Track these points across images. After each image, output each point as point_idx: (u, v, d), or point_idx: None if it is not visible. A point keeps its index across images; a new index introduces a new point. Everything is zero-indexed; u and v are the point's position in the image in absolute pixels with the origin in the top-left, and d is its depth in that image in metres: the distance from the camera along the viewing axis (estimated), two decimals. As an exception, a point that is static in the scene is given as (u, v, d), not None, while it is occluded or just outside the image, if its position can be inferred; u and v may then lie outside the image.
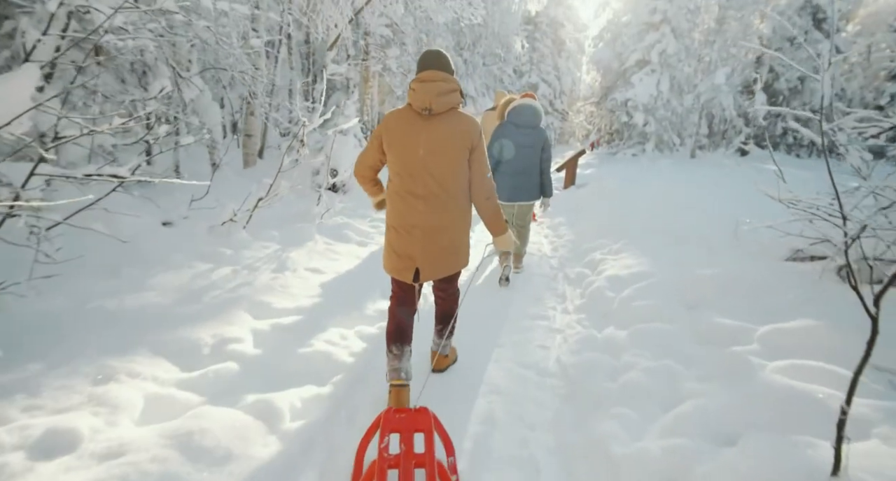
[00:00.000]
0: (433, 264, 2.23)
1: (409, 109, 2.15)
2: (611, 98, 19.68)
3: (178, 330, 2.64)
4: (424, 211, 2.15)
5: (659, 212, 6.27)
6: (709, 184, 9.64)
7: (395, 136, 2.14)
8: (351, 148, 6.65)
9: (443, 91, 2.06)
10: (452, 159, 2.12)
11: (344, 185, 6.73)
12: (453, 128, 2.10)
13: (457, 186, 2.18)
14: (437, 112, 2.08)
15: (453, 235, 2.25)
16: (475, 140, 2.14)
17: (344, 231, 4.98)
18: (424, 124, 2.09)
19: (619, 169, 13.77)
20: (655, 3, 17.23)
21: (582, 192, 8.56)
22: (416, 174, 2.12)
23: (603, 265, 4.42)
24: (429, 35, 11.38)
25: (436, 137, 2.09)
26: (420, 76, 2.10)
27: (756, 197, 7.26)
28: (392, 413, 2.00)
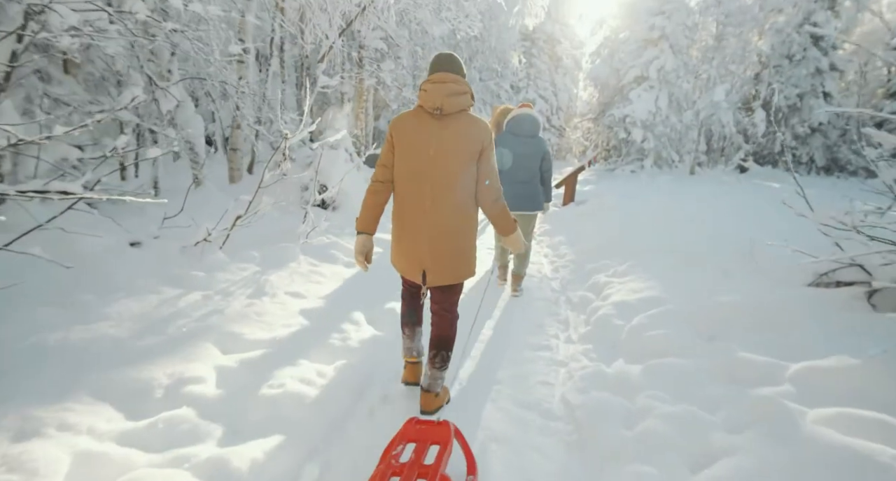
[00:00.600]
0: (442, 268, 2.22)
1: (420, 110, 2.16)
2: (608, 114, 19.59)
3: (130, 368, 2.30)
4: (431, 212, 2.13)
5: (664, 231, 5.98)
6: (712, 201, 9.38)
7: (406, 135, 2.14)
8: (341, 163, 6.37)
9: (454, 92, 2.07)
10: (462, 160, 2.11)
11: (334, 201, 6.43)
12: (464, 130, 2.11)
13: (464, 188, 2.16)
14: (448, 112, 2.09)
15: (460, 239, 2.24)
16: (486, 143, 2.14)
17: (331, 251, 4.65)
18: (436, 124, 2.10)
19: (618, 185, 13.55)
20: (653, 19, 17.22)
21: (582, 209, 8.28)
22: (425, 174, 2.11)
23: (608, 289, 4.10)
24: (424, 48, 11.22)
25: (446, 138, 2.09)
26: (431, 77, 2.13)
27: (765, 214, 6.97)
28: (413, 423, 2.00)
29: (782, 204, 4.36)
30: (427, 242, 2.17)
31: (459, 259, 2.26)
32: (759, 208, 8.53)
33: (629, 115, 18.22)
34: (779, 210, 8.36)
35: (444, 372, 2.40)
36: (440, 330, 2.39)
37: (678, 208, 7.61)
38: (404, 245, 2.25)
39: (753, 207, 8.52)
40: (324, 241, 4.83)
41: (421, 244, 2.18)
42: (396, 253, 2.32)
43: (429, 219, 2.14)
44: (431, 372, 2.37)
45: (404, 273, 2.34)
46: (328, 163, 6.20)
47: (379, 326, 3.34)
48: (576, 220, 7.66)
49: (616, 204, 8.18)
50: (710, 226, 6.18)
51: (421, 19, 7.90)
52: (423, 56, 10.89)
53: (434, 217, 2.14)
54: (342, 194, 6.43)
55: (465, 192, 2.17)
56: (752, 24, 16.80)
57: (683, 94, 18.35)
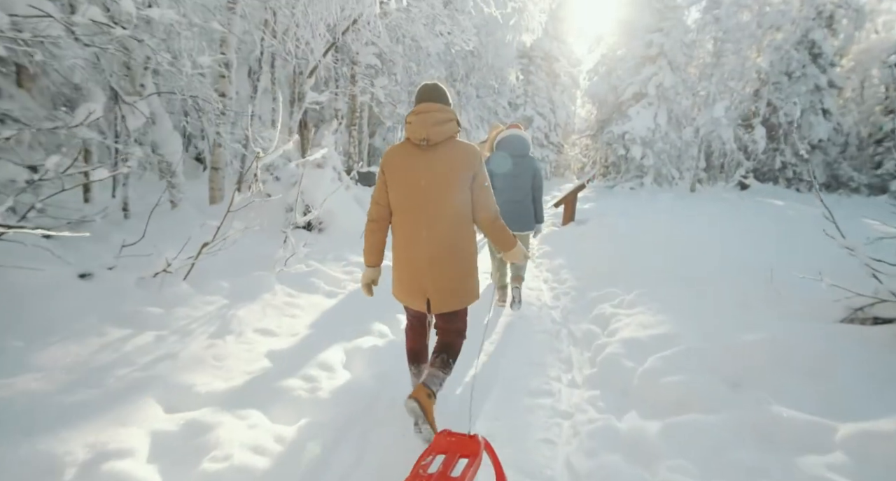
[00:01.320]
0: (444, 296, 2.23)
1: (407, 142, 2.18)
2: (607, 131, 19.38)
3: (44, 436, 1.89)
4: (429, 242, 2.15)
5: (672, 255, 5.61)
6: (718, 220, 9.03)
7: (396, 169, 2.16)
8: (328, 182, 6.02)
9: (439, 120, 2.09)
10: (454, 188, 2.12)
11: (320, 223, 6.06)
12: (452, 157, 2.11)
13: (460, 215, 2.18)
14: (435, 142, 2.10)
15: (461, 265, 2.25)
16: (475, 166, 2.14)
17: (310, 279, 4.25)
18: (423, 155, 2.12)
19: (618, 203, 13.22)
20: (651, 36, 17.12)
21: (583, 230, 7.92)
22: (419, 206, 2.13)
23: (615, 322, 3.71)
24: (419, 64, 11.00)
25: (436, 167, 2.10)
26: (415, 109, 2.14)
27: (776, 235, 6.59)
28: (445, 435, 2.02)
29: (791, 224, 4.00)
30: (427, 270, 2.18)
31: (461, 284, 2.27)
32: (766, 228, 8.18)
33: (628, 131, 18.01)
34: (790, 231, 8.03)
35: (444, 373, 2.33)
36: (445, 338, 2.41)
37: (684, 229, 7.25)
38: (405, 276, 2.26)
39: (761, 228, 8.16)
40: (303, 269, 4.44)
41: (421, 273, 2.19)
42: (398, 284, 2.33)
43: (426, 248, 2.15)
44: (431, 370, 2.32)
45: (408, 303, 2.33)
46: (312, 182, 5.85)
47: (357, 369, 2.94)
48: (577, 241, 7.29)
49: (618, 224, 7.82)
50: (720, 250, 5.81)
51: (414, 34, 7.63)
52: (417, 72, 10.65)
53: (432, 245, 2.15)
54: (328, 214, 6.07)
55: (460, 218, 2.19)
56: (751, 40, 16.69)
57: (682, 111, 18.17)
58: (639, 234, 6.95)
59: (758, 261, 5.24)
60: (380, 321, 3.63)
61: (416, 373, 2.49)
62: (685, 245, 6.13)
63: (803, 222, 9.47)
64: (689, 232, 7.04)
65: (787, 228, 8.50)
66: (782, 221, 9.52)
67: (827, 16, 19.35)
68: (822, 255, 4.52)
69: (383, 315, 3.71)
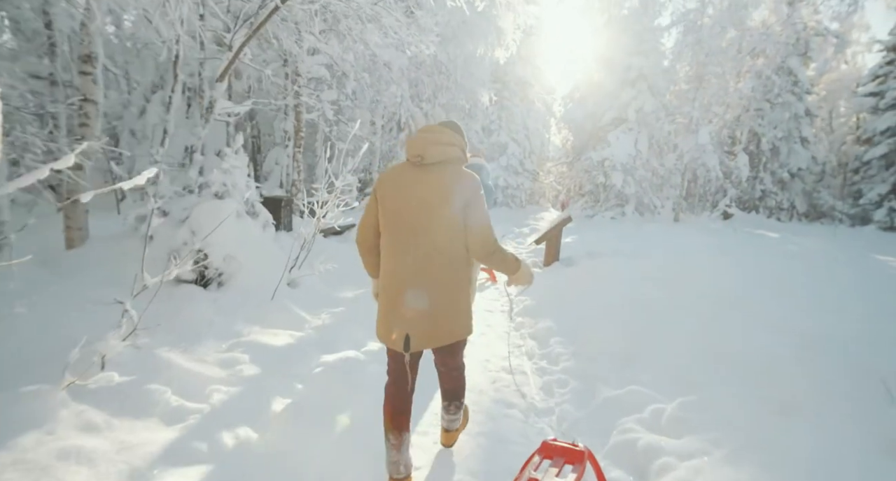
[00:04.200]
0: (425, 331, 2.00)
1: (405, 163, 2.07)
2: (585, 157, 18.31)
3: None
4: (414, 269, 1.97)
5: (700, 317, 4.14)
6: (727, 260, 7.69)
7: (388, 188, 2.03)
8: (233, 218, 4.37)
9: (439, 141, 2.00)
10: (445, 214, 1.95)
11: (220, 275, 4.38)
12: (447, 182, 1.96)
13: (450, 244, 1.98)
14: (430, 161, 1.99)
15: (447, 298, 2.01)
16: (470, 195, 1.95)
17: (147, 386, 2.55)
18: (417, 175, 1.99)
19: (603, 236, 11.89)
20: (630, 59, 16.27)
21: (572, 274, 6.43)
22: (408, 229, 1.98)
23: (663, 473, 2.13)
24: (380, 80, 9.59)
25: (429, 189, 1.96)
26: (420, 128, 2.09)
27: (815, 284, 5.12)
28: (549, 443, 2.07)
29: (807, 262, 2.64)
30: (411, 301, 1.97)
31: (446, 320, 2.03)
32: (790, 270, 6.85)
33: (608, 158, 16.95)
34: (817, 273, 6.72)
35: (461, 412, 2.36)
36: (448, 383, 2.26)
37: (699, 276, 5.83)
38: (385, 304, 2.05)
39: (784, 270, 6.82)
40: (146, 364, 2.71)
41: (402, 305, 1.98)
42: (379, 318, 2.09)
43: (412, 278, 1.97)
44: (448, 416, 2.34)
45: (386, 340, 2.07)
46: (210, 218, 4.21)
47: None
48: (567, 291, 5.78)
49: (616, 267, 6.37)
50: (761, 309, 4.37)
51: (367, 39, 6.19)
52: (371, 84, 9.20)
53: (417, 276, 1.96)
54: (233, 263, 4.41)
55: (451, 248, 1.98)
56: (733, 63, 15.98)
57: (664, 137, 17.26)
58: (646, 283, 5.50)
59: (820, 329, 3.80)
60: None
61: (396, 444, 2.07)
62: (712, 301, 4.68)
63: (821, 261, 8.25)
64: (707, 280, 5.62)
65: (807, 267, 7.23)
66: (796, 258, 8.27)
67: (803, 42, 18.98)
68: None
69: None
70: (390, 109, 11.76)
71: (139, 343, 2.87)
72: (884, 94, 20.03)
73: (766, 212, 21.26)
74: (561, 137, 24.95)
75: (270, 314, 4.05)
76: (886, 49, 20.50)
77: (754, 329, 3.75)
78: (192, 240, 4.25)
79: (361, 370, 3.13)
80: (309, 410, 2.55)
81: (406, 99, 11.50)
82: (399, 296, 1.98)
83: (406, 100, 11.49)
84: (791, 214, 22.30)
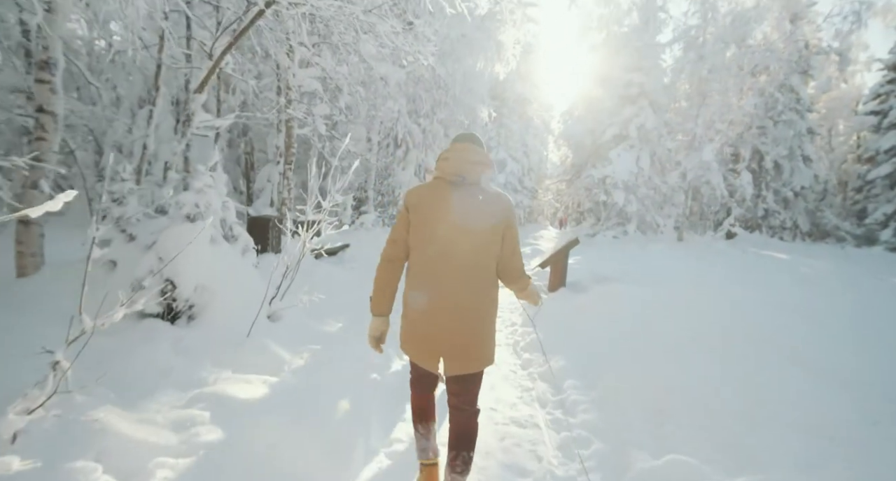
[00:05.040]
0: (462, 355, 1.96)
1: (439, 181, 2.01)
2: (587, 175, 17.95)
3: None
4: (452, 289, 1.92)
5: (735, 357, 3.66)
6: (740, 283, 7.23)
7: (425, 208, 1.97)
8: (204, 244, 3.87)
9: (477, 160, 1.98)
10: (485, 234, 1.94)
11: (191, 308, 3.86)
12: (487, 203, 1.95)
13: (486, 265, 1.98)
14: (471, 180, 1.97)
15: (483, 321, 1.99)
16: (509, 217, 1.99)
17: (69, 465, 2.01)
18: (457, 194, 1.95)
19: (607, 256, 11.43)
20: (630, 75, 16.02)
21: (581, 303, 5.93)
22: (445, 248, 1.93)
23: None
24: (376, 95, 9.20)
25: (469, 208, 1.93)
26: (452, 147, 2.04)
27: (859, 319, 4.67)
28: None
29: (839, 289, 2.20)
30: (447, 324, 1.93)
31: (481, 344, 2.00)
32: (814, 298, 6.38)
33: (609, 175, 16.59)
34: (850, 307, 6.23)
35: (465, 478, 2.07)
36: (459, 426, 2.08)
37: (719, 304, 5.36)
38: (420, 328, 2.00)
39: (809, 299, 6.35)
40: (30, 462, 2.12)
41: (440, 327, 1.94)
42: (409, 336, 2.04)
43: (450, 298, 1.92)
44: (452, 477, 2.05)
45: (418, 360, 2.04)
46: (179, 243, 3.71)
47: None
48: (577, 322, 5.28)
49: (628, 294, 5.88)
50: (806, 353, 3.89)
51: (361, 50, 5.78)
52: (366, 98, 8.81)
53: (456, 297, 1.92)
54: (206, 294, 3.90)
55: (488, 270, 1.99)
56: (735, 81, 15.73)
57: (666, 154, 16.93)
58: (663, 313, 5.01)
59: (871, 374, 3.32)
60: None
61: (425, 434, 2.14)
62: (740, 336, 4.20)
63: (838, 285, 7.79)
64: (728, 309, 5.14)
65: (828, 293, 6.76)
66: (813, 283, 7.81)
67: (804, 60, 18.84)
68: None
69: None
70: (387, 125, 11.38)
71: (74, 401, 2.35)
72: (886, 113, 19.85)
73: (769, 232, 20.90)
74: (560, 154, 24.68)
75: (244, 355, 3.53)
76: (887, 68, 20.40)
77: (794, 372, 3.27)
78: (158, 269, 3.74)
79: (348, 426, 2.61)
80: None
81: (403, 114, 11.12)
82: (434, 317, 1.94)
83: (403, 115, 11.11)
84: (794, 234, 21.94)
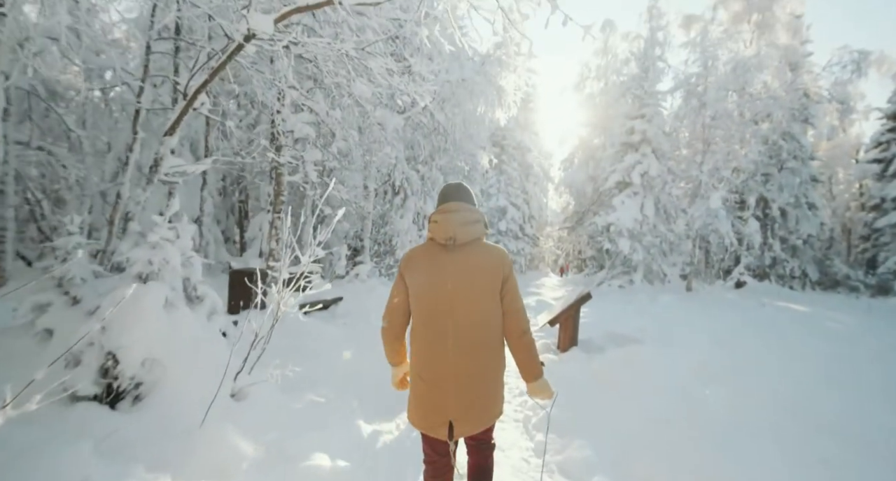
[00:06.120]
0: (469, 417, 1.94)
1: (431, 243, 2.03)
2: (590, 223, 17.53)
3: None
4: (455, 355, 1.91)
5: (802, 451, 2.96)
6: (773, 344, 6.53)
7: (419, 273, 1.99)
8: (158, 309, 3.25)
9: (467, 221, 1.98)
10: (483, 293, 1.94)
11: (138, 386, 3.19)
12: (481, 260, 1.97)
13: (488, 324, 1.95)
14: (462, 242, 1.97)
15: (488, 382, 1.97)
16: (506, 271, 1.98)
17: None
18: (450, 257, 1.96)
19: (618, 309, 10.75)
20: (632, 122, 15.89)
21: (599, 368, 5.22)
22: (444, 313, 1.93)
23: None
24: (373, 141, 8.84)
25: (463, 270, 1.94)
26: (441, 208, 2.04)
27: None
28: None
29: None
30: (453, 387, 1.91)
31: (489, 402, 1.99)
32: (860, 362, 5.68)
33: (613, 223, 16.14)
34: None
35: None
36: (478, 459, 2.15)
37: (758, 372, 4.68)
38: (425, 394, 1.97)
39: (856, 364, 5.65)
40: None
41: (445, 390, 1.92)
42: (415, 405, 2.02)
43: (453, 363, 1.91)
44: None
45: (427, 428, 1.99)
46: (127, 309, 3.09)
47: None
48: (599, 394, 4.56)
49: (652, 359, 5.20)
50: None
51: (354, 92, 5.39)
52: (359, 142, 8.42)
53: (458, 358, 1.91)
54: (157, 369, 3.23)
55: (490, 328, 1.96)
56: (738, 128, 15.58)
57: (671, 202, 16.56)
58: (698, 385, 4.32)
59: None
60: None
61: None
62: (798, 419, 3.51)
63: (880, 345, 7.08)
64: (771, 380, 4.46)
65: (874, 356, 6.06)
66: (850, 343, 7.10)
67: (804, 108, 18.86)
68: None
69: None
70: (384, 171, 11.01)
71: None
72: (890, 161, 19.70)
73: (777, 281, 20.25)
74: (561, 202, 24.43)
75: (195, 448, 2.83)
76: (886, 117, 20.45)
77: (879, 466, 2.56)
78: (100, 340, 3.10)
79: None
80: None
81: (401, 160, 10.76)
82: (440, 383, 1.92)
83: (401, 161, 10.75)
84: (804, 283, 21.28)
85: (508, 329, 2.00)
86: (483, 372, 1.96)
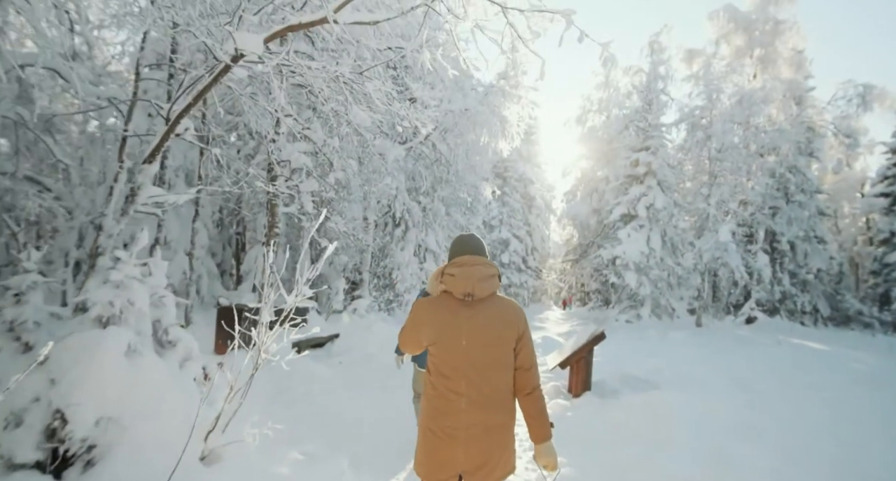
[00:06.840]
0: (480, 471, 1.88)
1: (446, 296, 1.98)
2: (595, 255, 17.13)
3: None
4: (468, 410, 1.87)
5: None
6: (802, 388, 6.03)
7: (435, 327, 1.94)
8: (118, 358, 2.83)
9: (484, 276, 1.93)
10: (498, 349, 1.91)
11: (90, 450, 2.74)
12: (498, 315, 1.93)
13: (503, 381, 1.92)
14: (480, 297, 1.93)
15: (501, 438, 1.92)
16: (522, 327, 1.96)
17: None
18: (466, 312, 1.92)
19: (628, 347, 10.24)
20: (637, 154, 15.72)
21: (617, 417, 4.73)
22: (459, 368, 1.90)
23: None
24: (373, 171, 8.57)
25: (480, 326, 1.91)
26: (457, 260, 1.98)
27: None
28: None
29: None
30: (464, 443, 1.87)
31: (500, 457, 1.92)
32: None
33: (619, 256, 15.74)
34: None
35: None
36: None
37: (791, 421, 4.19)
38: (437, 448, 1.90)
39: None
40: None
41: (457, 445, 1.87)
42: (425, 455, 1.95)
43: (466, 417, 1.87)
44: None
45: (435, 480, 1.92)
46: (81, 358, 2.67)
47: None
48: (618, 449, 4.05)
49: (674, 406, 4.71)
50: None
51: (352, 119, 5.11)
52: (358, 172, 8.13)
53: (472, 415, 1.87)
54: (112, 429, 2.78)
55: (503, 384, 1.93)
56: (744, 160, 15.38)
57: (678, 235, 16.21)
58: (730, 439, 3.84)
59: None
60: None
61: None
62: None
63: None
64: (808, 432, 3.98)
65: None
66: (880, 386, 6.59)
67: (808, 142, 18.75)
68: None
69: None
70: (384, 202, 10.72)
71: None
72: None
73: (788, 316, 19.69)
74: (564, 234, 24.13)
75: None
76: (891, 151, 20.33)
77: None
78: (48, 395, 2.68)
79: None
80: None
81: (402, 191, 10.48)
82: (452, 439, 1.87)
83: (402, 192, 10.48)
84: (815, 318, 20.69)
85: (520, 385, 1.96)
86: (494, 430, 1.91)
